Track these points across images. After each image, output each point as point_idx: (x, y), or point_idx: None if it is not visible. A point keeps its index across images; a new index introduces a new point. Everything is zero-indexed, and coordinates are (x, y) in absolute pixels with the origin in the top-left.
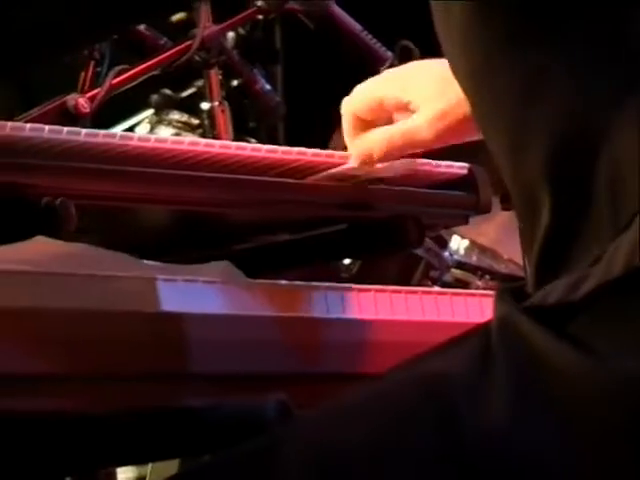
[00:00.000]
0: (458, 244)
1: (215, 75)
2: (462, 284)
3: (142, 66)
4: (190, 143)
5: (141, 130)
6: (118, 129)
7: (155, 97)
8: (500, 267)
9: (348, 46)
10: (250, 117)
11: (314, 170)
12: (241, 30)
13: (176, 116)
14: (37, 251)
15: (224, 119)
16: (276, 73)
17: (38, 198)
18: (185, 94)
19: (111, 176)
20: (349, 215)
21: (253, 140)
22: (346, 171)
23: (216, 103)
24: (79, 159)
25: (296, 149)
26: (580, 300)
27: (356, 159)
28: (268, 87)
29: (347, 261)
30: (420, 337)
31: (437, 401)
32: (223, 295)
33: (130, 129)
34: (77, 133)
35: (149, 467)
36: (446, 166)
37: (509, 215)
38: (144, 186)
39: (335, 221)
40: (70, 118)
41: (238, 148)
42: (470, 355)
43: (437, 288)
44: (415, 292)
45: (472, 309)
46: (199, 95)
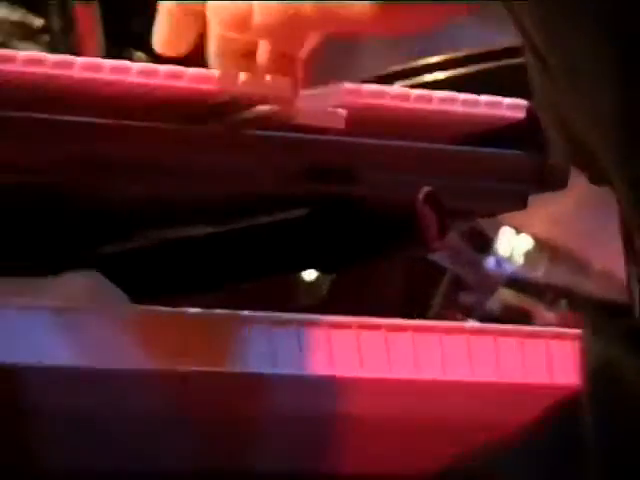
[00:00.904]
0: (511, 244)
1: None
2: (518, 315)
3: None
4: (28, 61)
5: None
6: None
7: None
8: (586, 284)
9: None
10: (135, 10)
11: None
12: None
13: (3, 11)
14: None
15: (90, 17)
16: None
17: None
18: None
19: None
20: (312, 191)
21: (140, 54)
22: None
23: None
24: None
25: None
26: None
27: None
28: None
29: (310, 275)
30: (439, 414)
31: None
32: (82, 332)
33: None
34: None
35: None
36: (487, 104)
37: (595, 191)
38: None
39: (289, 202)
40: None
41: (115, 70)
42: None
43: (473, 323)
44: (432, 329)
45: (535, 360)
46: None
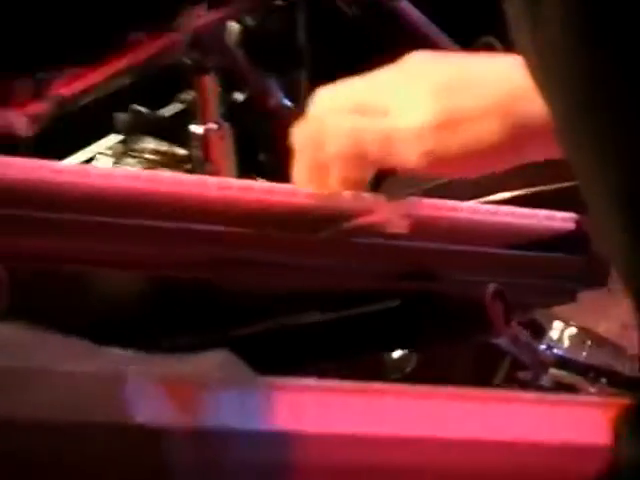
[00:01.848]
0: (561, 332)
1: (211, 85)
2: (566, 389)
3: (103, 70)
4: (174, 182)
5: (102, 164)
6: (69, 161)
7: (122, 116)
8: (622, 366)
9: (405, 45)
10: (261, 146)
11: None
12: (249, 20)
13: (152, 144)
14: None
15: (223, 148)
16: (299, 82)
17: None
18: (166, 112)
19: (58, 227)
20: (402, 287)
21: (263, 179)
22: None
23: (212, 126)
24: (11, 203)
25: None
26: None
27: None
28: (287, 102)
29: (398, 353)
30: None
31: None
32: (220, 399)
33: (86, 162)
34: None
35: None
36: (544, 217)
37: None
38: (109, 242)
39: (382, 295)
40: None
41: (242, 189)
42: None
43: (529, 394)
44: (497, 399)
45: (581, 425)
46: (187, 114)
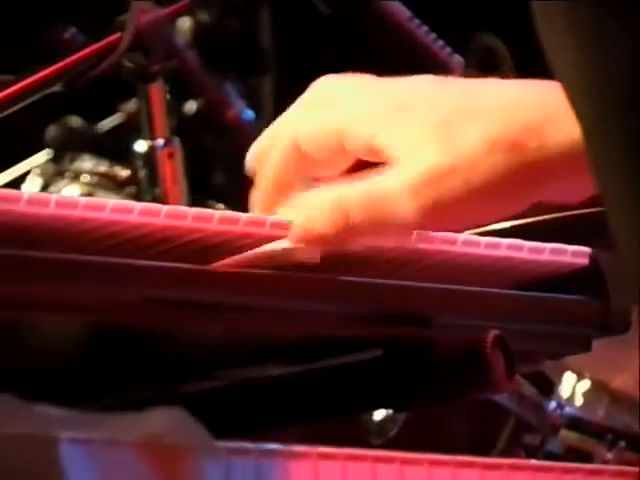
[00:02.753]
0: (573, 387)
1: (158, 94)
2: (580, 455)
3: (32, 77)
4: (116, 209)
5: (29, 187)
6: None
7: (53, 131)
8: None
9: (390, 46)
10: (217, 165)
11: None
12: (203, 16)
13: (89, 164)
14: None
15: (173, 169)
16: (263, 89)
17: None
18: (105, 126)
19: None
20: (385, 334)
21: (220, 205)
22: (271, 254)
23: (160, 142)
24: None
25: None
26: None
27: (295, 232)
28: (249, 113)
29: (380, 414)
30: None
31: None
32: (166, 467)
33: (10, 185)
34: None
35: None
36: (552, 251)
37: None
38: (43, 283)
39: (362, 344)
40: None
41: (197, 219)
42: None
43: (536, 462)
44: (498, 467)
45: None
46: (129, 128)
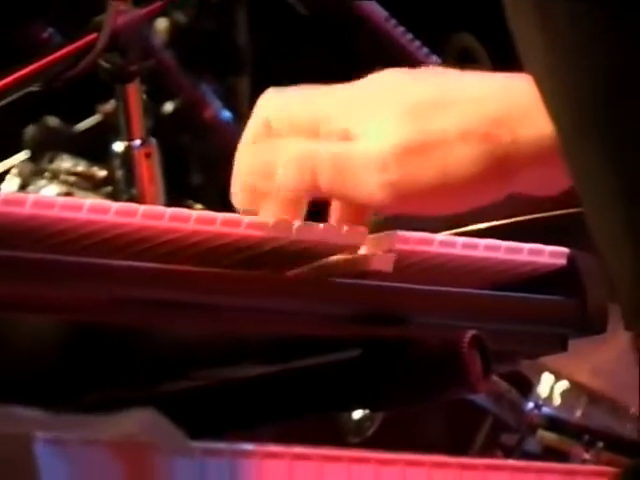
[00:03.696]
0: (551, 388)
1: (135, 94)
2: (557, 455)
3: (9, 77)
4: (93, 209)
5: (7, 186)
6: None
7: (31, 131)
8: (623, 428)
9: (366, 47)
10: (194, 165)
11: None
12: (180, 17)
13: (67, 164)
14: None
15: (150, 169)
16: (240, 89)
17: None
18: (83, 126)
19: None
20: (362, 334)
21: (198, 205)
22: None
23: (137, 142)
24: None
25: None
26: None
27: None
28: (226, 114)
29: (358, 413)
30: None
31: None
32: (139, 467)
33: None
34: None
35: None
36: (529, 252)
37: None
38: (19, 283)
39: (339, 344)
40: None
41: (174, 218)
42: None
43: (513, 461)
44: (475, 467)
45: None
46: (107, 128)
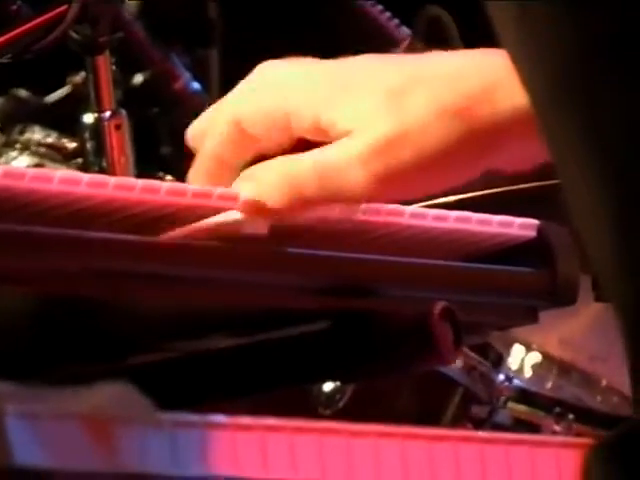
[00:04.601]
0: (521, 359)
1: (105, 66)
2: (528, 427)
3: None
4: (65, 180)
5: None
6: None
7: (0, 103)
8: (594, 400)
9: (337, 19)
10: (164, 137)
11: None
12: None
13: (38, 135)
14: None
15: (120, 140)
16: (210, 61)
17: None
18: (53, 98)
19: None
20: (332, 306)
21: (169, 177)
22: (223, 226)
23: (107, 114)
24: None
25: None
26: None
27: (246, 206)
28: (196, 85)
29: (329, 386)
30: None
31: None
32: (110, 439)
33: None
34: None
35: None
36: (500, 223)
37: (607, 309)
38: None
39: (309, 316)
40: None
41: (145, 190)
42: None
43: (483, 433)
44: (446, 438)
45: (543, 469)
46: (77, 100)
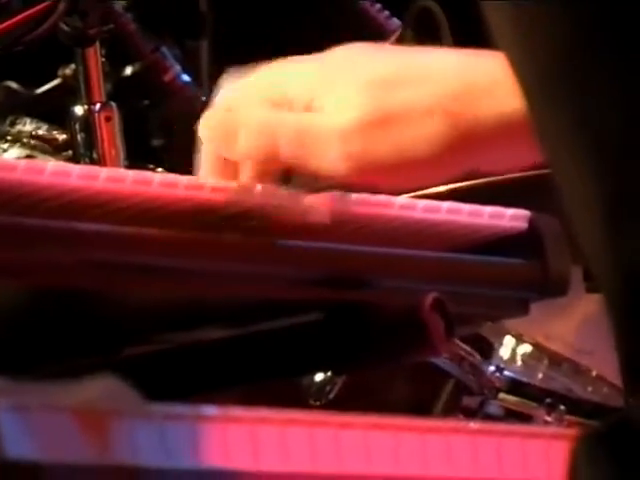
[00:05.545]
0: (513, 351)
1: (95, 58)
2: (519, 418)
3: None
4: (56, 172)
5: None
6: None
7: None
8: (584, 391)
9: (327, 11)
10: (154, 129)
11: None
12: None
13: (29, 127)
14: None
15: (110, 132)
16: (200, 53)
17: None
18: (43, 90)
19: None
20: (323, 297)
21: (159, 169)
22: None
23: (97, 106)
24: None
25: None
26: None
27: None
28: (186, 77)
29: (319, 377)
30: None
31: None
32: (100, 432)
33: None
34: None
35: None
36: (491, 215)
37: (598, 301)
38: None
39: (300, 307)
40: None
41: (137, 182)
42: None
43: (475, 424)
44: (437, 429)
45: (534, 460)
46: (67, 92)
